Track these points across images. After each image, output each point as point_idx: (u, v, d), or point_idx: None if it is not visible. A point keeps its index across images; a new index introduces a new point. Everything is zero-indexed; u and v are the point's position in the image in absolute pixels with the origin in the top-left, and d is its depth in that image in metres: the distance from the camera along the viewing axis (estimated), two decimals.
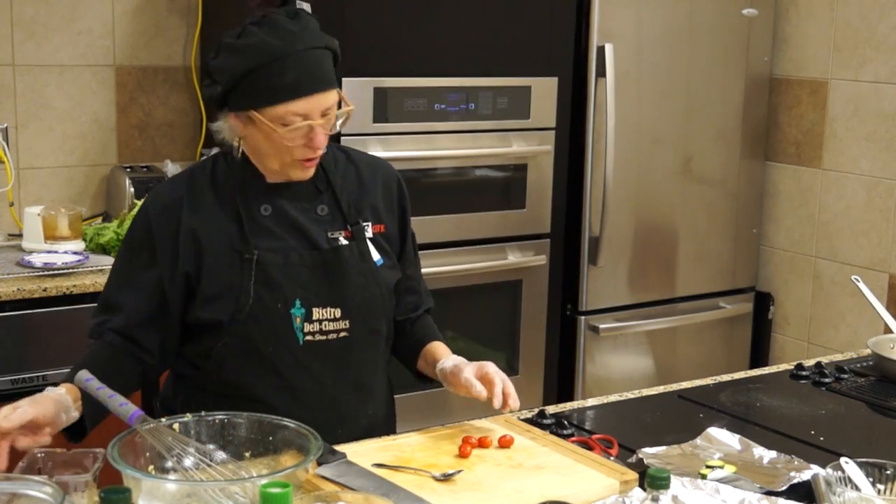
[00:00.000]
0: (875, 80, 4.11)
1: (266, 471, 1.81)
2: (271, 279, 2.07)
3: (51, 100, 3.78)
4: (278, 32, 2.00)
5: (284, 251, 2.09)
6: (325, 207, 2.15)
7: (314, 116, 2.01)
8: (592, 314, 4.04)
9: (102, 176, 3.90)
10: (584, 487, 1.86)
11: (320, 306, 2.10)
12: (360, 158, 2.26)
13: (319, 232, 2.13)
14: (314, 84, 2.00)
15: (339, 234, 2.14)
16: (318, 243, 2.11)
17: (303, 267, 2.09)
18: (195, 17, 3.97)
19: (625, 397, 2.47)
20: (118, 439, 1.74)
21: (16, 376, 3.12)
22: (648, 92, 4.02)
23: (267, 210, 2.11)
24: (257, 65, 1.98)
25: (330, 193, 2.16)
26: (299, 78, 1.99)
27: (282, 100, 1.99)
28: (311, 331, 2.10)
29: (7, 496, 1.59)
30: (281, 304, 2.07)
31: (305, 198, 2.14)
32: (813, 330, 4.41)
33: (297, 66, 1.99)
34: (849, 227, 4.24)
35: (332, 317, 2.11)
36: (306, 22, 2.04)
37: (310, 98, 2.00)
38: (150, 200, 2.14)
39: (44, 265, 3.22)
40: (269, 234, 2.09)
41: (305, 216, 2.13)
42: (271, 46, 1.98)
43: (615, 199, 3.95)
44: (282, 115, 2.00)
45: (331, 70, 2.05)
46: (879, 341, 2.72)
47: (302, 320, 2.09)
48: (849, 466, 1.82)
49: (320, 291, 2.10)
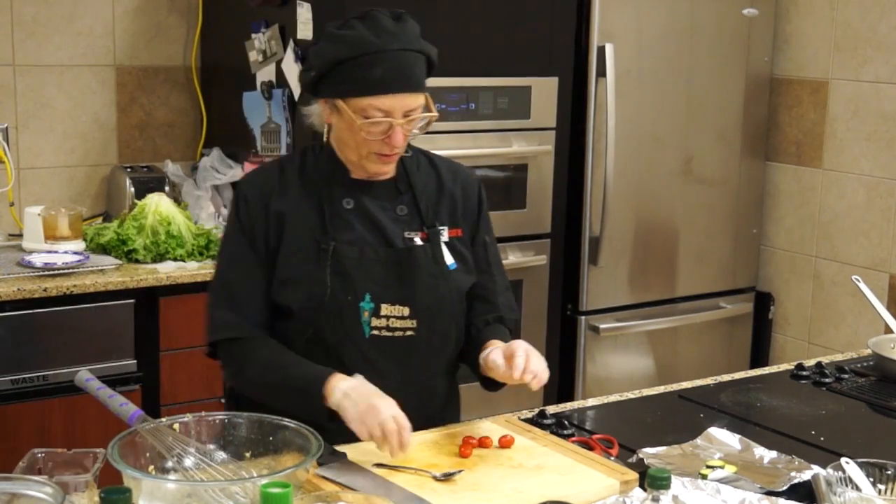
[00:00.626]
0: (875, 80, 4.11)
1: (266, 471, 1.81)
2: (345, 271, 2.11)
3: (51, 100, 3.78)
4: (377, 29, 2.06)
5: (360, 245, 2.13)
6: (404, 208, 2.19)
7: (396, 115, 2.06)
8: (593, 314, 4.04)
9: (103, 176, 3.89)
10: (584, 487, 1.86)
11: (389, 303, 2.14)
12: (442, 163, 2.30)
13: (396, 231, 2.17)
14: (400, 83, 2.05)
15: (416, 235, 2.18)
16: (394, 241, 2.16)
17: (376, 263, 2.13)
18: (195, 17, 3.97)
19: (625, 397, 2.47)
20: (118, 439, 1.74)
21: (16, 376, 3.12)
22: (649, 92, 4.02)
23: (349, 203, 2.15)
24: (350, 56, 2.04)
25: (410, 195, 2.20)
26: (387, 75, 2.04)
27: (367, 93, 2.05)
28: (377, 325, 2.13)
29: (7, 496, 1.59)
30: (351, 296, 2.11)
31: (386, 197, 2.19)
32: (813, 330, 4.41)
33: (387, 64, 2.04)
34: (849, 227, 4.24)
35: (399, 314, 2.14)
36: (406, 24, 2.09)
37: (394, 96, 2.05)
38: (245, 186, 2.20)
39: (44, 265, 3.22)
40: (349, 227, 2.14)
41: (385, 214, 2.17)
42: (367, 41, 2.04)
43: (615, 199, 3.95)
44: (365, 108, 2.05)
45: (421, 74, 2.10)
46: (880, 341, 2.72)
47: (370, 314, 2.13)
48: (849, 466, 1.82)
49: (390, 288, 2.14)
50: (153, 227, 3.41)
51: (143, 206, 3.47)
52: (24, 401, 3.13)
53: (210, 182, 3.79)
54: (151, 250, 3.38)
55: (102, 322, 3.22)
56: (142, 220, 3.42)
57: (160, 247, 3.38)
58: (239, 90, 3.72)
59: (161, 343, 3.32)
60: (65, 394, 3.14)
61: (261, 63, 3.62)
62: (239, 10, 3.70)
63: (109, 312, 3.23)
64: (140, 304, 3.27)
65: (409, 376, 2.17)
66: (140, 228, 3.41)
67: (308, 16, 3.39)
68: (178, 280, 3.29)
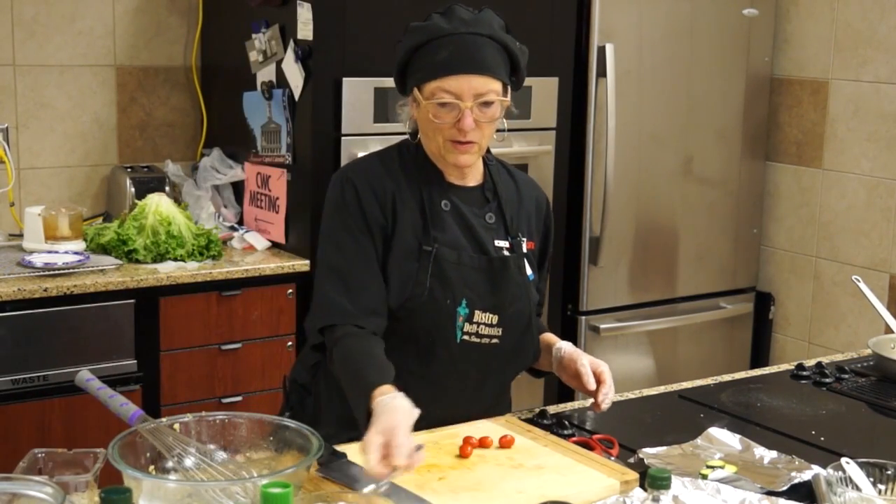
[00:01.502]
0: (876, 80, 4.11)
1: (267, 471, 1.81)
2: (445, 275, 2.12)
3: (51, 100, 3.78)
4: (451, 18, 2.09)
5: (458, 250, 2.14)
6: (492, 216, 2.20)
7: (465, 97, 2.05)
8: (593, 314, 4.04)
9: (103, 176, 3.90)
10: (584, 487, 1.86)
11: (482, 310, 2.15)
12: (518, 174, 2.31)
13: (488, 238, 2.18)
14: (466, 64, 2.05)
15: (504, 244, 2.19)
16: (488, 249, 2.17)
17: (473, 269, 2.14)
18: (196, 17, 3.97)
19: (625, 397, 2.46)
20: (119, 439, 1.74)
21: (17, 376, 3.12)
22: (649, 92, 4.02)
23: (447, 206, 2.16)
24: (422, 42, 2.08)
25: (496, 203, 2.21)
26: (452, 56, 2.05)
27: (435, 76, 2.06)
28: (469, 331, 2.15)
29: (8, 496, 1.59)
30: (450, 300, 2.12)
31: (476, 203, 2.19)
32: (813, 330, 4.41)
33: (453, 46, 2.05)
34: (849, 227, 4.24)
35: (489, 322, 2.16)
36: (484, 14, 2.11)
37: (460, 77, 2.04)
38: (352, 171, 2.15)
39: (44, 265, 3.22)
40: (448, 229, 2.14)
41: (476, 220, 2.18)
42: (438, 27, 2.07)
43: (616, 199, 3.95)
44: (434, 91, 2.06)
45: (492, 59, 2.08)
46: (880, 341, 2.72)
47: (464, 320, 2.14)
48: (849, 466, 1.82)
49: (484, 296, 2.15)
50: (153, 228, 3.41)
51: (144, 206, 3.47)
52: (24, 401, 3.13)
53: (210, 182, 3.79)
54: (152, 250, 3.38)
55: (103, 322, 3.22)
56: (142, 220, 3.42)
57: (160, 247, 3.38)
58: (239, 90, 3.72)
59: (161, 343, 3.32)
60: (65, 394, 3.14)
61: (261, 63, 3.62)
62: (239, 10, 3.70)
63: (110, 312, 3.23)
64: (140, 304, 3.27)
65: (482, 383, 2.21)
66: (140, 228, 3.41)
67: (308, 16, 3.39)
68: (179, 280, 3.29)
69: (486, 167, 2.23)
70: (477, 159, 2.18)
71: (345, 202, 2.12)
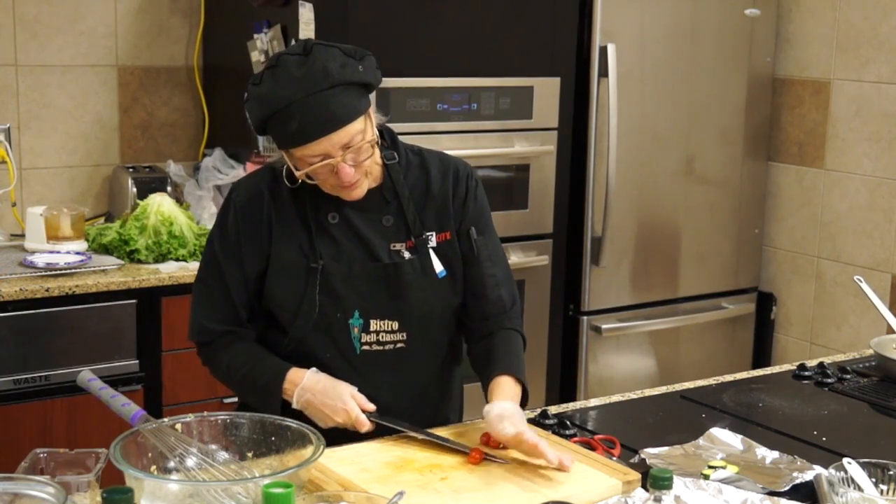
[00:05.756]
0: (878, 81, 4.11)
1: (269, 471, 1.81)
2: (333, 289, 2.11)
3: (53, 100, 3.78)
4: (283, 80, 2.00)
5: (348, 262, 2.12)
6: (390, 218, 2.16)
7: (333, 154, 2.01)
8: (595, 314, 4.04)
9: (105, 176, 3.90)
10: (586, 488, 1.86)
11: (378, 318, 2.13)
12: (433, 162, 2.23)
13: (382, 244, 2.14)
14: (319, 129, 1.99)
15: (403, 246, 2.15)
16: (380, 256, 2.13)
17: (364, 279, 2.12)
18: (198, 18, 3.98)
19: (627, 398, 2.47)
20: (120, 439, 1.74)
21: (18, 376, 3.12)
22: (651, 92, 4.02)
23: (335, 218, 2.13)
24: (269, 114, 2.02)
25: (396, 203, 2.16)
26: (303, 125, 1.99)
27: (294, 145, 2.02)
28: (368, 341, 2.14)
29: (9, 496, 1.59)
30: (340, 313, 2.12)
31: (373, 208, 2.15)
32: (815, 330, 4.40)
33: (299, 114, 1.99)
34: (851, 228, 4.23)
35: (389, 329, 2.14)
36: (313, 62, 2.00)
37: (320, 141, 2.00)
38: (235, 193, 2.18)
39: (46, 265, 3.23)
40: (334, 243, 2.12)
41: (370, 227, 2.14)
42: (277, 96, 2.00)
43: (618, 199, 3.95)
44: (301, 157, 2.04)
45: (342, 106, 2.00)
46: (882, 342, 2.72)
47: (360, 330, 2.13)
48: (851, 467, 1.82)
49: (379, 304, 2.13)
50: (155, 228, 3.41)
51: (145, 206, 3.47)
52: (26, 401, 3.13)
53: (212, 182, 3.79)
54: (153, 250, 3.38)
55: (104, 322, 3.22)
56: (144, 220, 3.42)
57: (162, 247, 3.39)
58: (241, 90, 3.68)
59: (163, 343, 3.32)
60: (67, 394, 3.14)
61: (263, 63, 3.62)
62: (241, 10, 3.70)
63: (111, 312, 3.23)
64: (142, 304, 3.27)
65: (400, 385, 2.17)
66: (142, 229, 3.41)
67: (310, 16, 3.39)
68: (181, 280, 3.29)
69: (386, 168, 2.16)
70: (371, 182, 2.13)
71: (223, 221, 2.17)
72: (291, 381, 2.08)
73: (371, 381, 2.13)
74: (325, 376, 2.08)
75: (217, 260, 2.16)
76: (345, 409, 2.02)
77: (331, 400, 2.03)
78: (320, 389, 2.05)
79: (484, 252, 2.22)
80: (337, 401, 2.03)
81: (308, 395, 2.05)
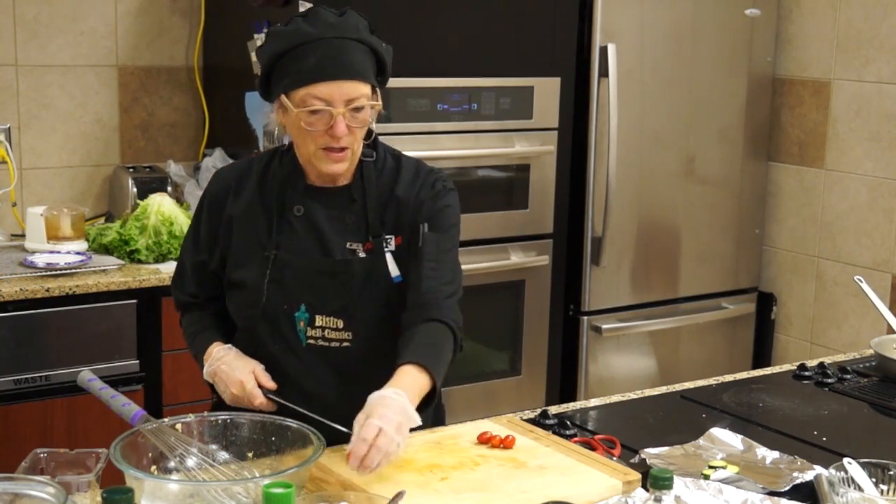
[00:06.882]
0: (878, 81, 4.11)
1: (269, 471, 1.81)
2: (283, 280, 2.11)
3: (53, 100, 3.78)
4: (316, 22, 2.04)
5: (301, 254, 2.11)
6: (353, 217, 2.14)
7: (336, 104, 2.01)
8: (595, 314, 4.04)
9: (105, 176, 3.90)
10: (586, 488, 1.86)
11: (324, 314, 2.12)
12: (408, 167, 2.19)
13: (338, 241, 2.12)
14: (335, 70, 2.01)
15: (360, 247, 2.12)
16: (333, 252, 2.12)
17: (317, 273, 2.11)
18: (198, 18, 3.98)
19: (627, 398, 2.47)
20: (121, 439, 1.74)
21: (18, 376, 3.12)
22: (651, 92, 4.02)
23: (300, 211, 2.13)
24: (287, 48, 2.02)
25: (361, 202, 2.14)
26: (321, 62, 2.00)
27: (303, 82, 2.01)
28: (313, 336, 2.12)
29: (10, 496, 1.59)
30: (287, 305, 2.11)
31: (339, 205, 2.14)
32: (816, 330, 4.40)
33: (321, 51, 2.00)
34: (852, 228, 4.23)
35: (334, 326, 2.12)
36: (349, 17, 2.06)
37: (331, 84, 2.00)
38: (208, 186, 2.25)
39: (46, 265, 3.23)
40: (294, 235, 2.12)
41: (332, 223, 2.13)
42: (303, 32, 2.02)
43: (618, 199, 3.95)
44: (303, 97, 2.01)
45: (361, 63, 2.03)
46: (882, 342, 2.72)
47: (305, 324, 2.12)
48: (852, 467, 1.82)
49: (328, 300, 2.11)
50: (155, 228, 3.41)
51: (146, 206, 3.47)
52: (26, 401, 3.13)
53: None
54: (154, 250, 3.38)
55: (105, 322, 3.22)
56: (144, 220, 3.43)
57: (162, 247, 3.39)
58: (241, 90, 3.72)
59: (163, 343, 3.32)
60: (67, 394, 3.14)
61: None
62: (241, 10, 3.70)
63: (112, 313, 3.23)
64: (142, 304, 3.27)
65: (347, 387, 2.12)
66: (142, 229, 3.41)
67: None
68: None
69: (360, 166, 2.14)
70: (350, 166, 2.11)
71: (199, 207, 2.25)
72: (209, 352, 2.16)
73: (319, 376, 2.12)
74: (236, 351, 2.15)
75: (188, 238, 2.26)
76: (240, 380, 2.07)
77: (232, 371, 2.09)
78: (227, 361, 2.11)
79: (430, 247, 2.12)
80: (236, 371, 2.08)
81: (216, 364, 2.12)
